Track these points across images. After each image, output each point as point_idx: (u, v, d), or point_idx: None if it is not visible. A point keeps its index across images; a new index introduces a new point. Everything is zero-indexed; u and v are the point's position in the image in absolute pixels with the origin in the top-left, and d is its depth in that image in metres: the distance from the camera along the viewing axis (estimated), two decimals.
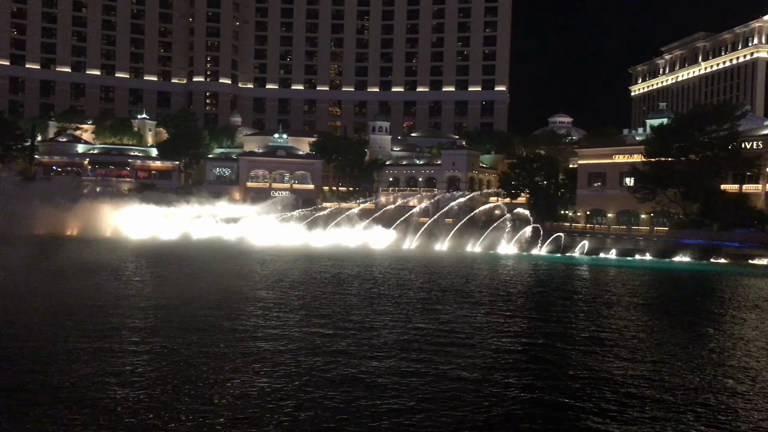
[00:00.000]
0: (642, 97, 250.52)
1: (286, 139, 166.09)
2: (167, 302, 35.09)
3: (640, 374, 21.54)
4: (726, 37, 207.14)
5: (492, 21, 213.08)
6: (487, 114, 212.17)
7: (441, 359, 23.62)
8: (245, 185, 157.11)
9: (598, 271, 64.21)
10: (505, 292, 44.91)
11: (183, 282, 44.25)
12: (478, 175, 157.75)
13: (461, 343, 26.56)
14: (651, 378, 21.15)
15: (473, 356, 24.53)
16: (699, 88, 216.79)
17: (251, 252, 75.94)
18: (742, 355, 24.02)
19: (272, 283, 45.27)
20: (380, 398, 18.89)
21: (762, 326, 29.39)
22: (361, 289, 43.93)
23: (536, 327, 31.16)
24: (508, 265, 71.19)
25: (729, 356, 23.98)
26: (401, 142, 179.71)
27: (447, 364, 22.72)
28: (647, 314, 34.41)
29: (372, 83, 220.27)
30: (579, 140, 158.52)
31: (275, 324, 29.60)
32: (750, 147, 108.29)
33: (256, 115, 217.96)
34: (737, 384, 20.30)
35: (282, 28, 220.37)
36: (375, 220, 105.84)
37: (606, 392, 19.47)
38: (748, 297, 41.73)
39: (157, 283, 44.75)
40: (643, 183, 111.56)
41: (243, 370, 21.65)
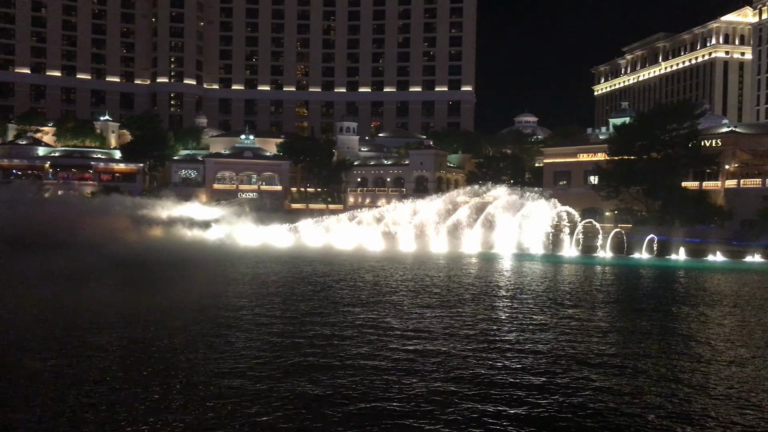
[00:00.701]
0: (605, 97, 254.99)
1: (252, 140, 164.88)
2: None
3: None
4: (685, 37, 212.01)
5: (457, 21, 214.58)
6: (453, 114, 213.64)
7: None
8: (212, 187, 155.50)
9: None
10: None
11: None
12: (446, 175, 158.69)
13: None
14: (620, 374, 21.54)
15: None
16: (660, 87, 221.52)
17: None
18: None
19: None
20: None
21: (726, 323, 30.23)
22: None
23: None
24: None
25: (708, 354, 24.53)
26: (369, 142, 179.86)
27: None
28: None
29: (339, 83, 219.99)
30: (544, 139, 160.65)
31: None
32: (709, 145, 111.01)
33: (222, 116, 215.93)
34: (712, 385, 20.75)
35: (247, 28, 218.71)
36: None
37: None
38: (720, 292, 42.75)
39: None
40: (607, 181, 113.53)
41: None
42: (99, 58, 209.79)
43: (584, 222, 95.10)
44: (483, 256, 76.86)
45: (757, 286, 46.75)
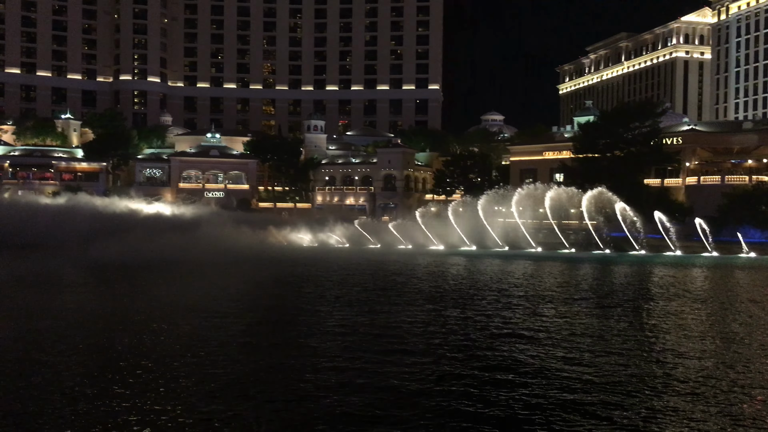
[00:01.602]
0: (570, 96, 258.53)
1: (219, 138, 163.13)
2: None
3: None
4: (647, 37, 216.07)
5: (424, 20, 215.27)
6: (421, 112, 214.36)
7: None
8: (177, 186, 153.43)
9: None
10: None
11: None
12: (414, 173, 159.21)
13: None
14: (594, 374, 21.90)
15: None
16: (623, 86, 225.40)
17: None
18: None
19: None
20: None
21: (689, 317, 30.94)
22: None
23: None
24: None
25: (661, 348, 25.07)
26: (337, 140, 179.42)
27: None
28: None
29: (306, 82, 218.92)
30: (511, 138, 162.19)
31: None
32: (670, 143, 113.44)
33: (188, 114, 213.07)
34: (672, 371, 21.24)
35: (212, 25, 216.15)
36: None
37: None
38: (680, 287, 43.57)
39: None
40: (572, 178, 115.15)
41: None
42: (60, 55, 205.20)
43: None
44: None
45: (711, 280, 47.93)
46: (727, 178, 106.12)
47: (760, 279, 46.12)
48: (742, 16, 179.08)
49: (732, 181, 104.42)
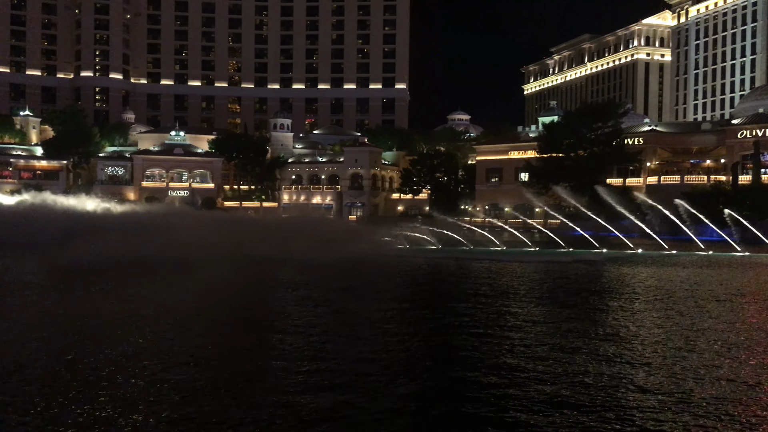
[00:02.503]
0: (534, 96, 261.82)
1: (183, 136, 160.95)
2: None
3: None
4: (609, 39, 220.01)
5: (391, 19, 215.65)
6: (388, 111, 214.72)
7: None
8: (140, 185, 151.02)
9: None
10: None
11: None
12: (381, 172, 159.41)
13: None
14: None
15: None
16: (586, 87, 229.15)
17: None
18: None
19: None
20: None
21: (648, 315, 31.58)
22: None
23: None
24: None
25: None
26: (303, 139, 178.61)
27: None
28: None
29: (272, 80, 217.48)
30: (477, 137, 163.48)
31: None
32: (632, 143, 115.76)
33: (151, 111, 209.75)
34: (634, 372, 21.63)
35: (176, 21, 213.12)
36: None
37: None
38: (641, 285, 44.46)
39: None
40: (537, 178, 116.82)
41: None
42: (18, 50, 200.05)
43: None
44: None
45: (668, 278, 49.10)
46: (687, 178, 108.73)
47: (717, 276, 47.36)
48: (701, 20, 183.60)
49: (691, 181, 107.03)
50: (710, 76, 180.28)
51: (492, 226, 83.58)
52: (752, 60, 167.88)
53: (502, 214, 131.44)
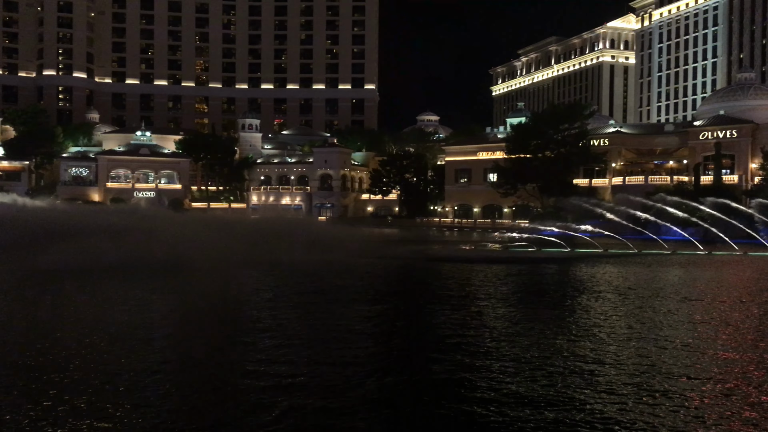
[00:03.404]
0: (503, 97, 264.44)
1: (149, 136, 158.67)
2: None
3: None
4: (575, 41, 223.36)
5: (360, 20, 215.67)
6: (357, 112, 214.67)
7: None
8: (105, 186, 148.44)
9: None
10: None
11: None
12: (350, 173, 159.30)
13: None
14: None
15: None
16: (553, 88, 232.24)
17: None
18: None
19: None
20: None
21: (611, 313, 32.05)
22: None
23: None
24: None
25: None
26: (272, 140, 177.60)
27: None
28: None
29: (240, 80, 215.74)
30: (446, 138, 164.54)
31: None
32: (597, 144, 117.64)
33: (116, 111, 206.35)
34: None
35: (142, 20, 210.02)
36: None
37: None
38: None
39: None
40: (505, 178, 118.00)
41: None
42: None
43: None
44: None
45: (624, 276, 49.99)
46: (650, 179, 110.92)
47: (676, 275, 48.36)
48: (664, 23, 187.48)
49: (655, 181, 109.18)
50: (673, 79, 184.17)
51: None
52: (713, 63, 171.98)
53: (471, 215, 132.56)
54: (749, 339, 24.95)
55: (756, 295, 37.37)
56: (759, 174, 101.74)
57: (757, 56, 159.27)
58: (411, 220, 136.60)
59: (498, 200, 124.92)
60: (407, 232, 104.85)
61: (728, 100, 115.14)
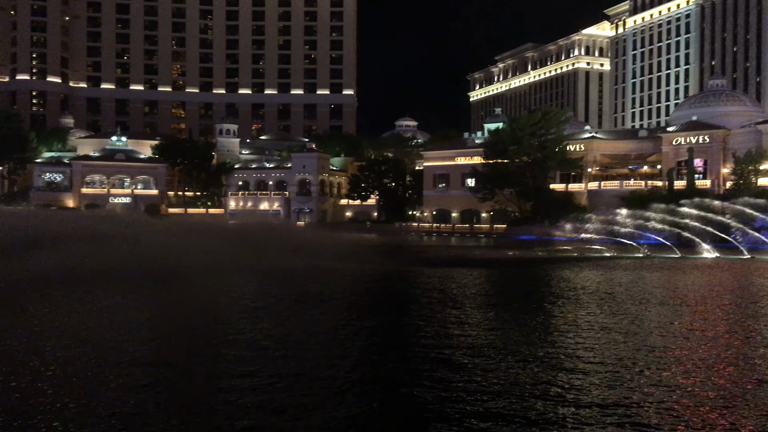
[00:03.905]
0: (480, 103, 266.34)
1: (125, 142, 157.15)
2: None
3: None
4: (551, 48, 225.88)
5: (338, 26, 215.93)
6: (336, 117, 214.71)
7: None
8: (80, 192, 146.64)
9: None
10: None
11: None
12: (329, 178, 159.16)
13: None
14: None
15: None
16: (529, 94, 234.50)
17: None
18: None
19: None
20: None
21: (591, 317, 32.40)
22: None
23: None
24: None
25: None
26: (250, 145, 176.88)
27: None
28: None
29: (218, 84, 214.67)
30: (424, 143, 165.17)
31: None
32: (574, 149, 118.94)
33: (91, 116, 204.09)
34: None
35: (118, 24, 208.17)
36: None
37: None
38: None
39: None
40: (483, 183, 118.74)
41: None
42: None
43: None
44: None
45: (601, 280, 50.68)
46: (625, 183, 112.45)
47: (658, 278, 49.09)
48: (638, 30, 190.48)
49: (629, 186, 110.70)
50: (647, 85, 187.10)
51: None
52: (686, 70, 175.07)
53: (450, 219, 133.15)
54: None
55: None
56: (731, 179, 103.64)
57: (728, 63, 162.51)
58: (390, 225, 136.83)
59: (476, 205, 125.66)
60: (389, 237, 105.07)
61: (700, 106, 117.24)
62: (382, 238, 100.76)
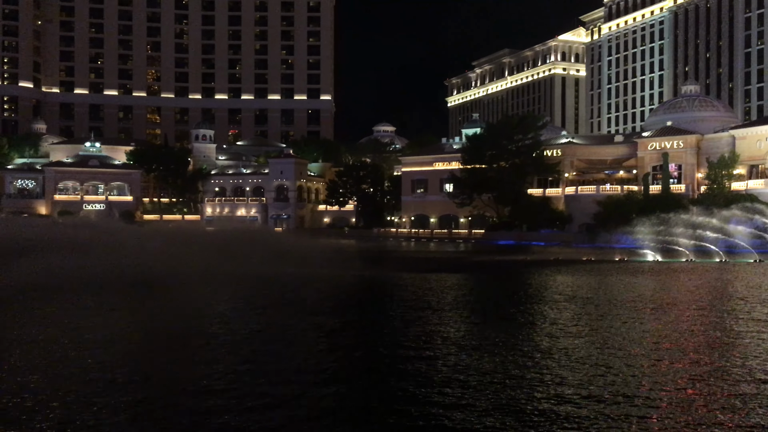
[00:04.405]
0: (458, 108, 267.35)
1: (99, 147, 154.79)
2: None
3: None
4: (528, 54, 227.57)
5: (315, 31, 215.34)
6: (313, 122, 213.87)
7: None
8: (52, 198, 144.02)
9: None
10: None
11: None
12: (307, 184, 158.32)
13: None
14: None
15: None
16: (507, 100, 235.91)
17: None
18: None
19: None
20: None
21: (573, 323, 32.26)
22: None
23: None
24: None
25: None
26: (227, 150, 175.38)
27: None
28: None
29: (193, 90, 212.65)
30: (402, 149, 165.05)
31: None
32: (551, 154, 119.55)
33: (64, 122, 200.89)
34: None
35: (91, 28, 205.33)
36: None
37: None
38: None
39: None
40: (461, 189, 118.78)
41: None
42: None
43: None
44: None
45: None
46: (602, 188, 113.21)
47: (636, 283, 49.22)
48: (613, 37, 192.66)
49: (606, 191, 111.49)
50: (622, 91, 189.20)
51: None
52: (660, 75, 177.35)
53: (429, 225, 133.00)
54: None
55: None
56: (705, 183, 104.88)
57: (701, 69, 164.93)
58: (368, 231, 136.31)
59: (454, 210, 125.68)
60: (368, 243, 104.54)
61: (674, 112, 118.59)
62: (363, 243, 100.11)
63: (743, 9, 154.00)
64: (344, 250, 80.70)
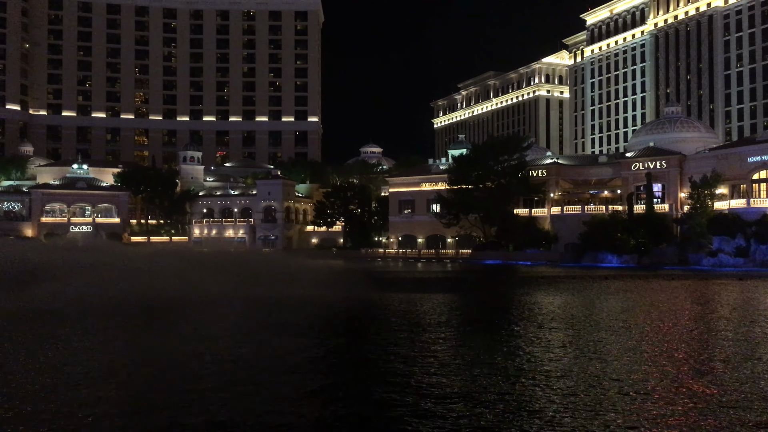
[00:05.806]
0: (444, 129, 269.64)
1: (86, 169, 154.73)
2: None
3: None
4: (512, 76, 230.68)
5: (302, 53, 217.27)
6: (301, 144, 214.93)
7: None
8: (39, 220, 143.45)
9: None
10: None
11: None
12: (294, 205, 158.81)
13: None
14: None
15: None
16: (492, 121, 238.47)
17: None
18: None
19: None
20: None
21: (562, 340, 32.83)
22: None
23: None
24: None
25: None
26: (214, 172, 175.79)
27: None
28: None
29: (181, 112, 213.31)
30: (389, 169, 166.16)
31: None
32: (536, 175, 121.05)
33: (51, 144, 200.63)
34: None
35: (79, 51, 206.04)
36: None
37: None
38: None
39: None
40: (448, 209, 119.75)
41: None
42: None
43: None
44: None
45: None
46: (587, 208, 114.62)
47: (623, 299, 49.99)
48: (595, 59, 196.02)
49: (591, 211, 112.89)
50: (605, 112, 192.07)
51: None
52: (642, 97, 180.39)
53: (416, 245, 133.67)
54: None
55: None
56: (688, 203, 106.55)
57: (682, 91, 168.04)
58: (356, 251, 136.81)
59: (441, 231, 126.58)
60: (356, 263, 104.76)
61: (657, 133, 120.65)
62: (352, 264, 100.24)
63: (722, 32, 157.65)
64: (333, 270, 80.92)
